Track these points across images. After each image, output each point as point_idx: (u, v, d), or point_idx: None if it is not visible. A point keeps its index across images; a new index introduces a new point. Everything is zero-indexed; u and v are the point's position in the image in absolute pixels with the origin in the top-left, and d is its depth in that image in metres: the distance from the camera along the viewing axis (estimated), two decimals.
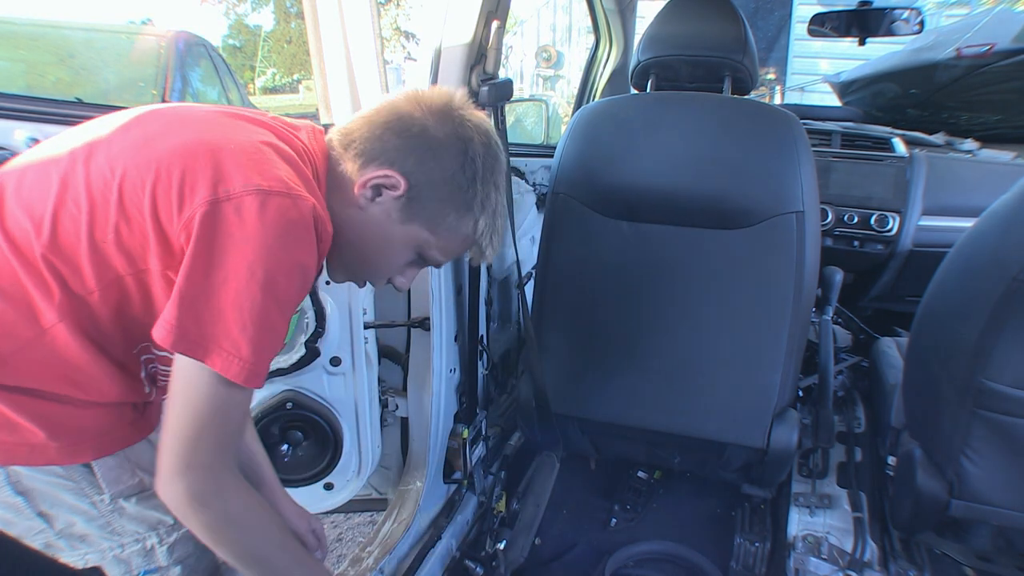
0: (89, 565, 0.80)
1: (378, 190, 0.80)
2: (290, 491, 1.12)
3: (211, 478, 0.70)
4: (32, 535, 0.77)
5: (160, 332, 0.66)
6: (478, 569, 1.44)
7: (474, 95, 1.23)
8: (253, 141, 0.73)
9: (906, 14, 1.92)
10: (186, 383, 0.68)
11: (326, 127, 0.88)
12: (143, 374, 0.79)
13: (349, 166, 0.80)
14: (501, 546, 1.47)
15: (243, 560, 0.75)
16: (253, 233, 0.66)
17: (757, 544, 1.47)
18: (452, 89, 0.86)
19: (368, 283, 0.91)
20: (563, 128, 1.42)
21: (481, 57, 1.22)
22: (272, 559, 0.77)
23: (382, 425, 1.45)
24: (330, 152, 0.83)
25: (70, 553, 0.80)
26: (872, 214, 1.81)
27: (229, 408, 0.70)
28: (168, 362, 0.75)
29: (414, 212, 0.81)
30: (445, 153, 0.80)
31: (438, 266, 0.90)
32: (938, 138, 2.10)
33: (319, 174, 0.80)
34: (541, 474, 1.73)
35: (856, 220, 1.83)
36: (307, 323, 1.23)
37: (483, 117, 0.85)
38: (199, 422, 0.68)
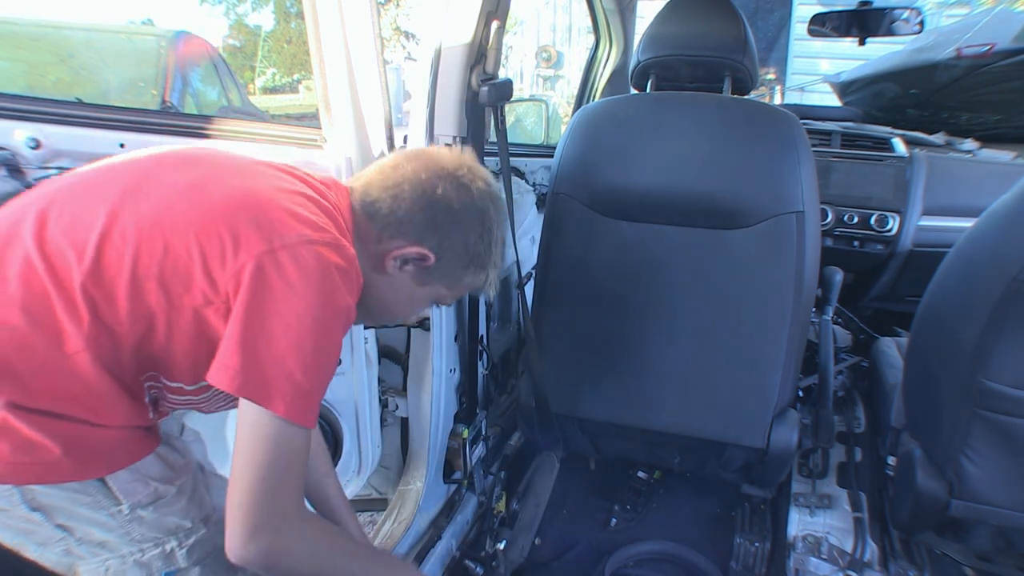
0: (111, 571, 0.82)
1: (407, 260, 0.88)
2: None
3: (284, 532, 0.73)
4: (52, 543, 0.79)
5: (222, 377, 0.70)
6: (478, 569, 1.44)
7: (474, 95, 1.23)
8: (296, 191, 0.79)
9: (906, 14, 1.92)
10: (252, 432, 0.71)
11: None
12: (147, 399, 0.81)
13: (373, 233, 0.87)
14: (501, 546, 1.47)
15: None
16: (306, 281, 0.71)
17: (757, 544, 1.47)
18: (459, 151, 0.94)
19: None
20: (563, 128, 1.42)
21: (481, 57, 1.22)
22: (363, 571, 0.84)
23: (382, 425, 1.45)
24: (353, 210, 0.88)
25: (91, 560, 0.81)
26: (872, 214, 1.81)
27: (295, 450, 0.73)
28: (173, 391, 0.81)
29: (436, 276, 0.91)
30: (466, 225, 0.89)
31: (447, 305, 1.00)
32: (938, 138, 2.10)
33: (348, 230, 0.86)
34: (541, 474, 1.74)
35: (856, 220, 1.83)
36: None
37: (490, 176, 0.94)
38: (269, 472, 0.71)
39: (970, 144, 2.06)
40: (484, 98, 1.21)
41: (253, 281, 0.70)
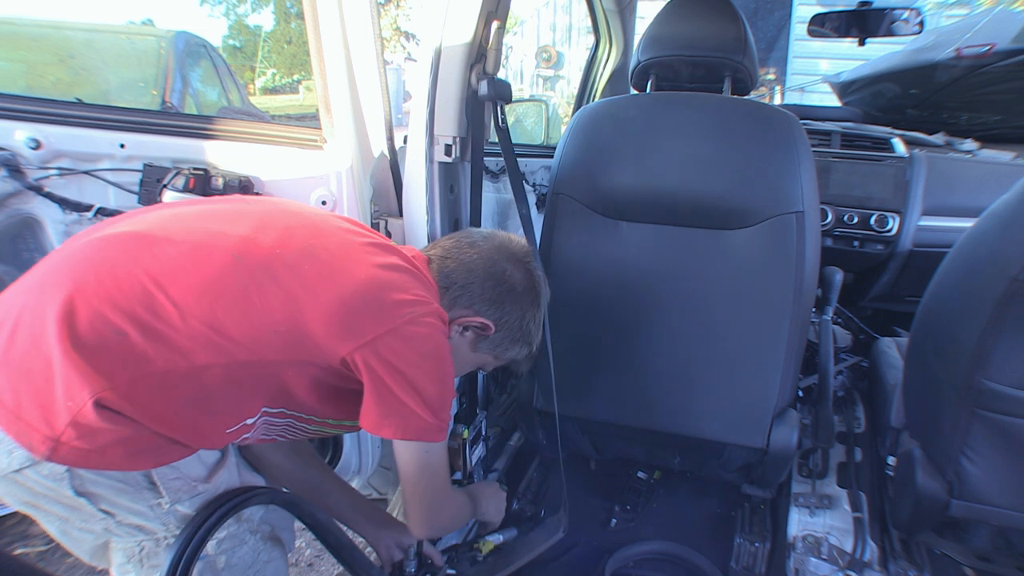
0: (145, 551, 0.88)
1: (467, 328, 1.03)
2: None
3: (444, 517, 1.08)
4: (95, 520, 0.84)
5: (390, 431, 0.89)
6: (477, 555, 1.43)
7: (474, 95, 1.23)
8: (397, 266, 0.93)
9: (906, 14, 1.92)
10: (411, 458, 0.95)
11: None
12: (219, 435, 0.88)
13: (447, 302, 1.01)
14: (497, 539, 1.46)
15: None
16: (428, 347, 0.89)
17: (757, 544, 1.47)
18: (524, 240, 1.10)
19: None
20: (563, 128, 1.42)
21: (481, 57, 1.22)
22: (468, 515, 1.25)
23: None
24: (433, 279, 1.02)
25: (128, 539, 0.87)
26: (872, 214, 1.81)
27: (443, 458, 0.99)
28: (248, 431, 0.91)
29: (489, 345, 1.07)
30: (525, 305, 1.06)
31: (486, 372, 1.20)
32: (938, 138, 2.10)
33: (436, 295, 0.99)
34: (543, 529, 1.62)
35: (856, 220, 1.83)
36: None
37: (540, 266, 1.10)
38: (430, 484, 0.98)
39: (970, 144, 2.06)
40: (484, 92, 1.21)
41: (384, 353, 0.85)
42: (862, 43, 2.03)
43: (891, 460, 1.35)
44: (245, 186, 1.25)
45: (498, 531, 1.40)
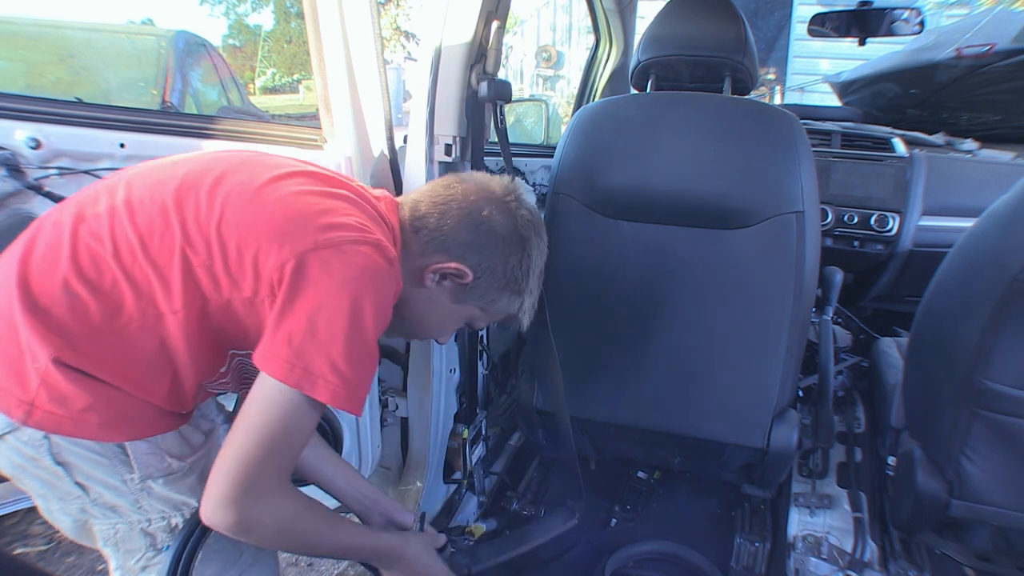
0: (119, 535, 0.86)
1: (445, 276, 0.92)
2: None
3: (268, 502, 0.75)
4: (71, 499, 0.83)
5: (270, 366, 0.74)
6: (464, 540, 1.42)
7: (474, 95, 1.23)
8: (345, 198, 0.84)
9: (906, 14, 1.92)
10: (265, 407, 0.74)
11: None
12: (198, 392, 0.86)
13: (418, 246, 0.92)
14: (486, 526, 1.46)
15: (305, 552, 0.91)
16: (348, 275, 0.75)
17: (757, 544, 1.47)
18: (509, 179, 0.98)
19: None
20: (563, 128, 1.42)
21: (481, 57, 1.22)
22: (328, 543, 0.84)
23: (382, 425, 1.45)
24: (402, 223, 0.93)
25: (104, 521, 0.86)
26: (872, 214, 1.81)
27: (304, 427, 0.77)
28: (223, 385, 0.88)
29: (472, 295, 0.95)
30: (506, 249, 0.94)
31: (479, 329, 1.02)
32: (938, 138, 2.10)
33: (396, 240, 0.90)
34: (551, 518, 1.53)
35: (856, 220, 1.83)
36: None
37: (535, 209, 0.99)
38: (268, 443, 0.73)
39: (970, 144, 2.06)
40: (484, 93, 1.21)
41: (296, 274, 0.74)
42: (862, 43, 2.03)
43: (891, 460, 1.35)
44: None
45: (483, 520, 1.38)
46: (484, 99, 1.22)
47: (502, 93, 1.24)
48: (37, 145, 1.26)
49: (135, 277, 0.76)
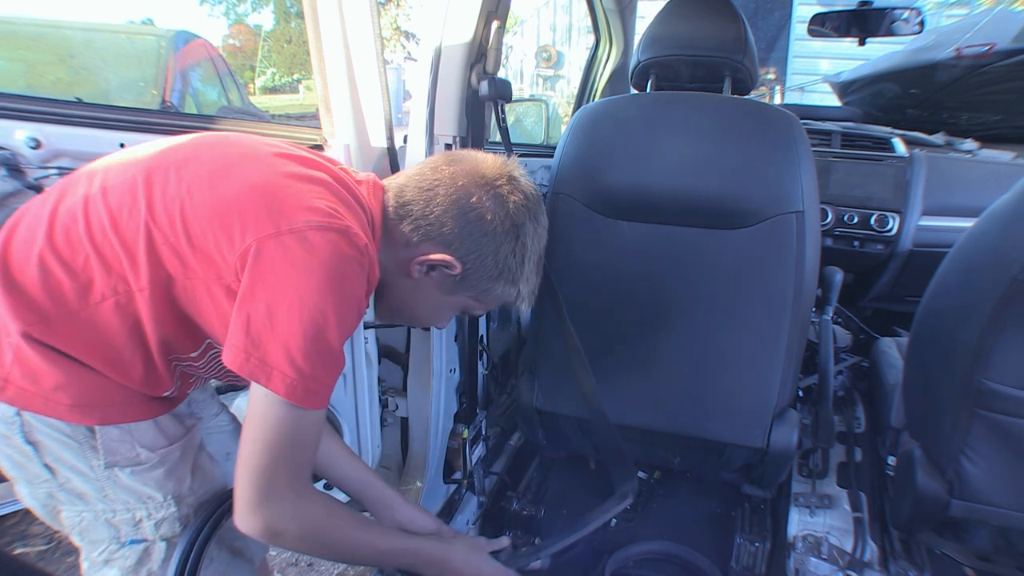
0: (84, 523, 0.85)
1: (433, 267, 0.87)
2: None
3: (287, 507, 0.75)
4: (39, 482, 0.82)
5: (229, 356, 0.72)
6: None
7: (474, 94, 1.23)
8: (315, 180, 0.79)
9: (906, 14, 1.92)
10: (258, 414, 0.73)
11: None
12: (173, 372, 0.84)
13: (403, 234, 0.86)
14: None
15: (335, 558, 0.88)
16: (310, 264, 0.71)
17: (757, 544, 1.47)
18: (505, 159, 0.91)
19: None
20: (563, 128, 1.42)
21: (481, 57, 1.22)
22: (364, 547, 0.85)
23: (382, 425, 1.45)
24: (385, 209, 0.88)
25: (70, 508, 0.84)
26: (872, 214, 1.81)
27: (299, 432, 0.74)
28: (190, 360, 0.84)
29: (463, 286, 0.90)
30: (499, 238, 0.87)
31: (478, 316, 0.97)
32: (938, 138, 2.10)
33: (375, 226, 0.85)
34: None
35: (856, 220, 1.83)
36: None
37: (532, 189, 0.92)
38: (273, 451, 0.73)
39: (970, 144, 2.06)
40: (484, 92, 1.21)
41: (256, 261, 0.71)
42: (862, 43, 2.03)
43: (891, 460, 1.35)
44: None
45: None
46: (484, 98, 1.22)
47: (502, 92, 1.24)
48: (37, 145, 1.26)
49: (104, 254, 0.75)
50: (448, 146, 1.25)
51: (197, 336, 0.82)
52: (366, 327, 1.29)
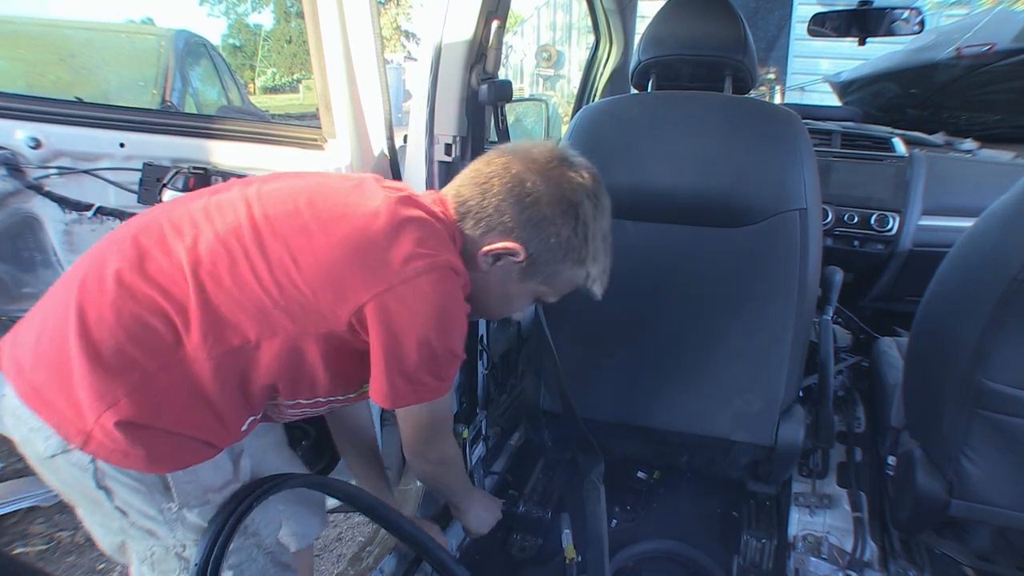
0: (155, 556, 0.87)
1: (499, 256, 0.91)
2: None
3: (447, 446, 1.04)
4: (112, 519, 0.84)
5: (379, 399, 0.85)
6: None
7: (474, 94, 1.23)
8: (407, 219, 0.83)
9: (906, 14, 1.92)
10: (416, 408, 0.91)
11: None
12: (248, 420, 0.87)
13: (468, 232, 0.91)
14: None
15: (447, 481, 1.15)
16: (427, 307, 0.81)
17: (764, 540, 1.47)
18: (555, 143, 0.94)
19: None
20: (563, 128, 1.42)
21: (481, 56, 1.22)
22: (461, 480, 1.19)
23: (382, 425, 1.45)
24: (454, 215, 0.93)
25: (141, 543, 0.87)
26: (872, 214, 1.81)
27: (443, 411, 0.99)
28: (289, 406, 0.91)
29: (532, 272, 0.93)
30: (558, 219, 0.90)
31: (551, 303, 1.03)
32: (938, 138, 2.10)
33: (456, 238, 0.90)
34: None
35: (856, 220, 1.83)
36: None
37: (588, 168, 0.94)
38: (433, 423, 0.98)
39: (970, 144, 2.06)
40: (484, 96, 1.21)
41: (383, 315, 0.79)
42: (862, 43, 2.03)
43: (891, 460, 1.35)
44: None
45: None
46: (484, 101, 1.22)
47: (502, 93, 1.24)
48: (37, 145, 1.26)
49: (192, 319, 0.77)
50: (448, 146, 1.25)
51: (265, 390, 0.84)
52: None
